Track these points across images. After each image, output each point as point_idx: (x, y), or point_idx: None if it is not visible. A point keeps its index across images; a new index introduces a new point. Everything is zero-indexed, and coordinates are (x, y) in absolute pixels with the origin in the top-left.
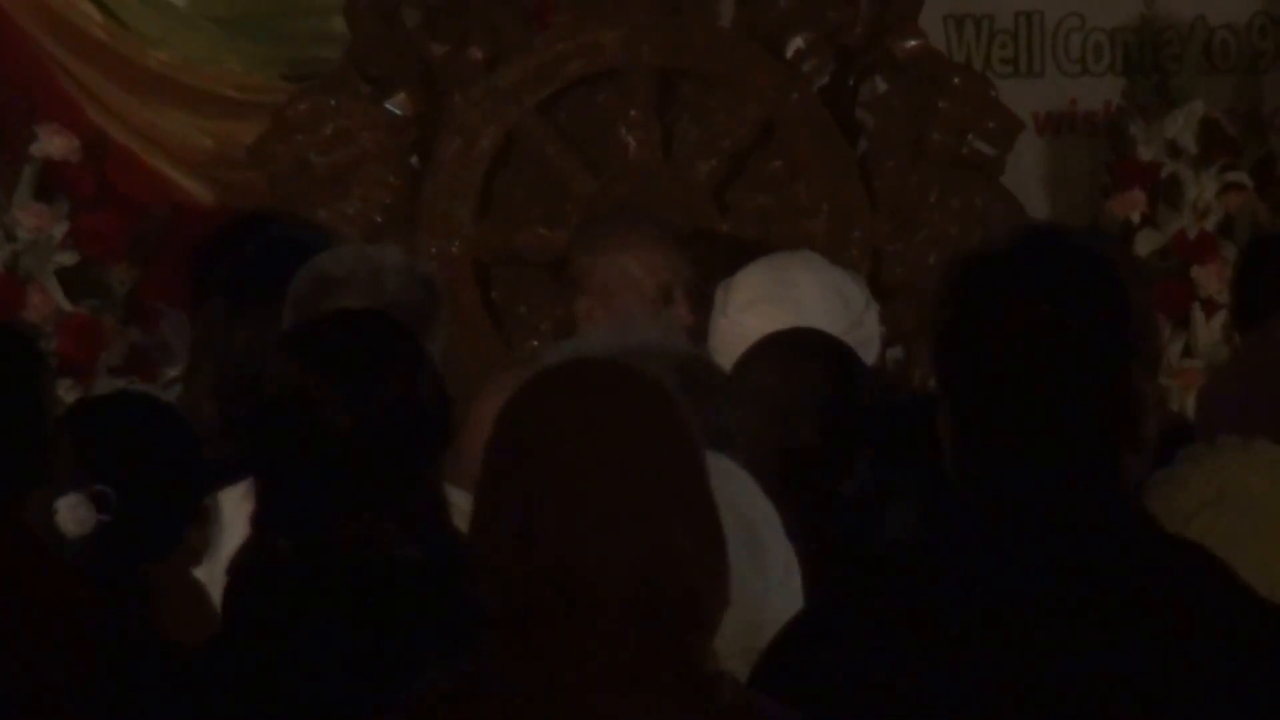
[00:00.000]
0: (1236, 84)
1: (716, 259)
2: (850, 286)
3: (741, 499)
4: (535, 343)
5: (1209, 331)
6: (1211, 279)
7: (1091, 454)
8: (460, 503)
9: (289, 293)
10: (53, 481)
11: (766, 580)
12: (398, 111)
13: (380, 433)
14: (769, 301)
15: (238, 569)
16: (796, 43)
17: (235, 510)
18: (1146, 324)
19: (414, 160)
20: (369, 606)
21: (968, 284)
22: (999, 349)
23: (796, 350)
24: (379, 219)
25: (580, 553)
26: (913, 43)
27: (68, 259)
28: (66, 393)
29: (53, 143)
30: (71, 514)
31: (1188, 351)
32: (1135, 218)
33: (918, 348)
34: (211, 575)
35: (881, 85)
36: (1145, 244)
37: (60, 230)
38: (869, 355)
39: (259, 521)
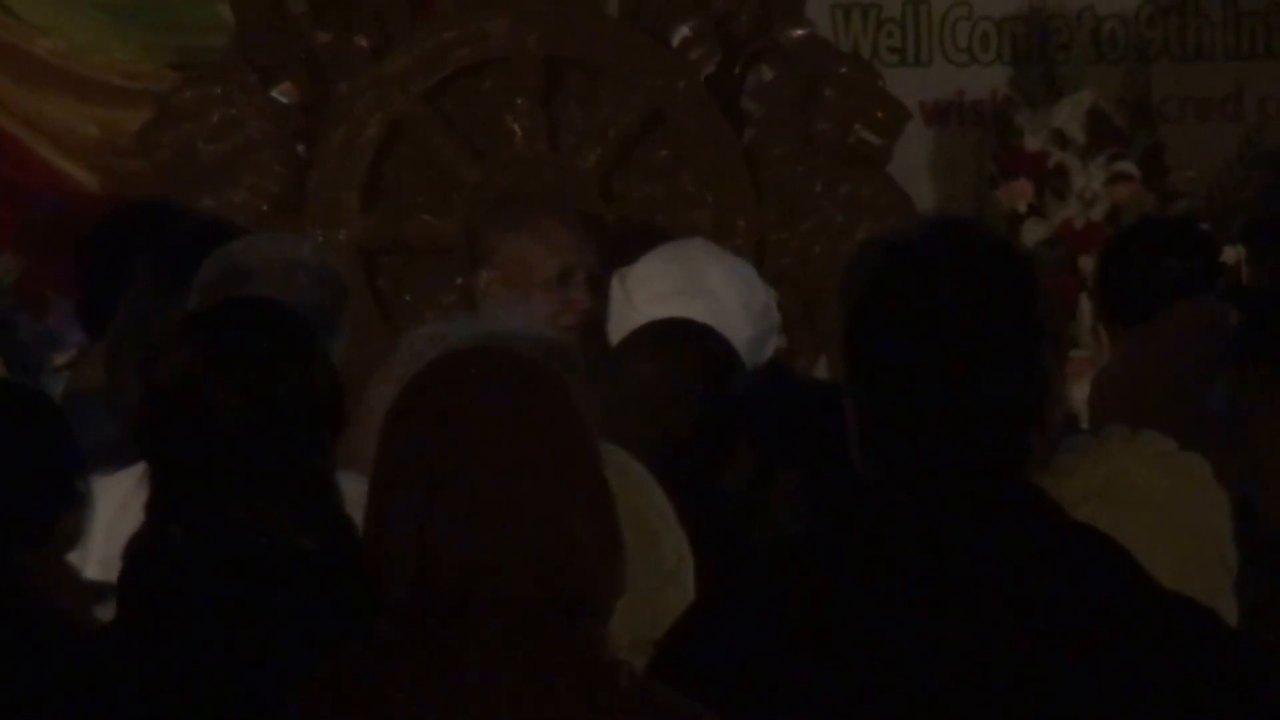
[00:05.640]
0: (1124, 73)
1: (602, 247)
2: (751, 274)
3: (634, 490)
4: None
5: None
6: (1094, 269)
7: (999, 435)
8: (350, 490)
9: (198, 279)
10: None
11: (659, 571)
12: (284, 100)
13: (272, 420)
14: (683, 294)
15: (132, 555)
16: (683, 31)
17: (131, 494)
18: (1053, 308)
19: (301, 149)
20: (261, 593)
21: (879, 268)
22: (909, 330)
23: (671, 341)
24: (266, 207)
25: (480, 546)
26: (799, 32)
27: None
28: None
29: None
30: None
31: (1074, 342)
32: (1022, 207)
33: (801, 336)
34: (84, 560)
35: (768, 74)
36: (1032, 234)
37: None
38: (774, 342)
39: (152, 508)
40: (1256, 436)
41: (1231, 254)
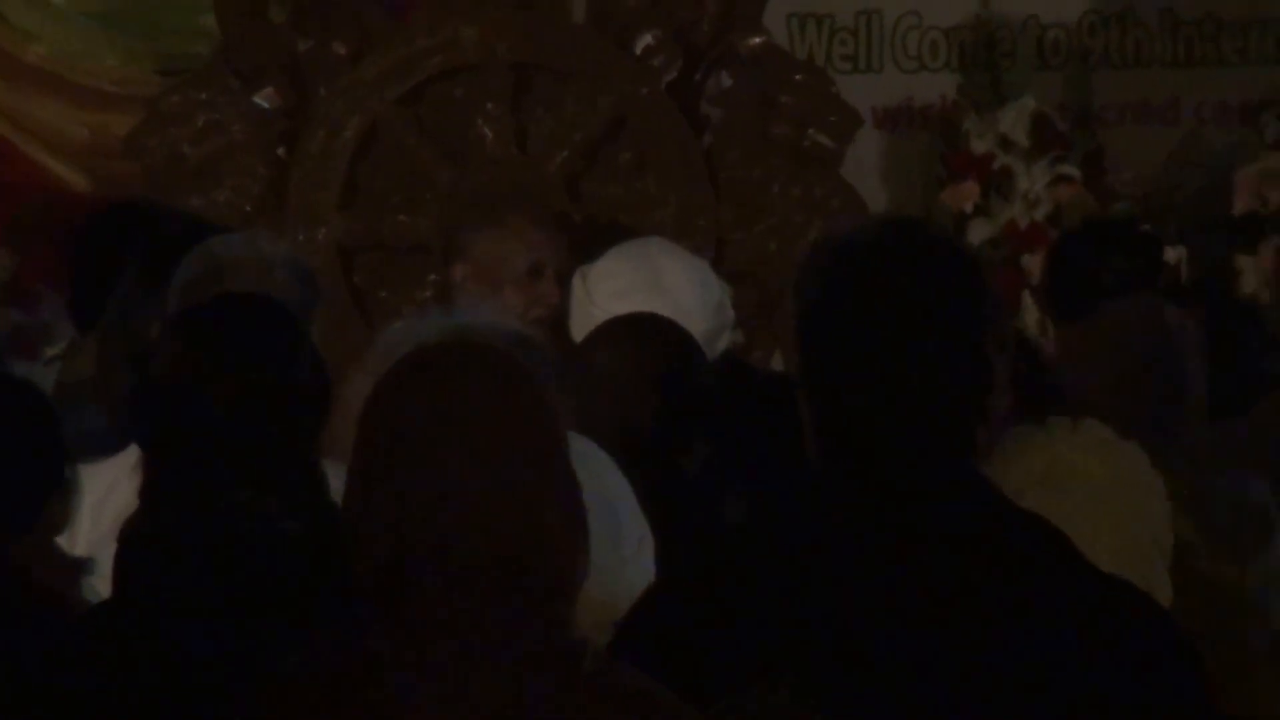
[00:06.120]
0: (1067, 80)
1: (570, 246)
2: (707, 271)
3: (598, 476)
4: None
5: (1042, 316)
6: (1041, 267)
7: (946, 425)
8: (335, 478)
9: (179, 275)
10: None
11: (621, 554)
12: (266, 104)
13: (261, 410)
14: (643, 291)
15: (126, 539)
16: (646, 39)
17: (117, 482)
18: (997, 304)
19: (281, 151)
20: (250, 578)
21: (831, 266)
22: (860, 326)
23: (636, 335)
24: (248, 208)
25: (450, 529)
26: (757, 40)
27: None
28: None
29: None
30: None
31: None
32: (968, 208)
33: (757, 331)
34: (71, 545)
35: (727, 81)
36: (978, 233)
37: None
38: (728, 337)
39: (146, 494)
40: None
41: (1173, 254)
